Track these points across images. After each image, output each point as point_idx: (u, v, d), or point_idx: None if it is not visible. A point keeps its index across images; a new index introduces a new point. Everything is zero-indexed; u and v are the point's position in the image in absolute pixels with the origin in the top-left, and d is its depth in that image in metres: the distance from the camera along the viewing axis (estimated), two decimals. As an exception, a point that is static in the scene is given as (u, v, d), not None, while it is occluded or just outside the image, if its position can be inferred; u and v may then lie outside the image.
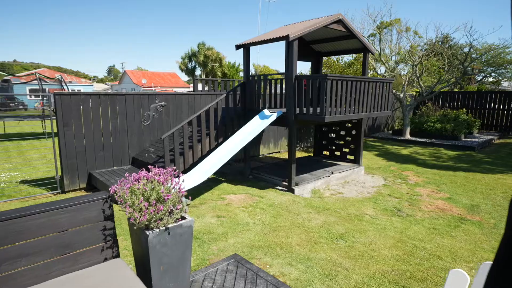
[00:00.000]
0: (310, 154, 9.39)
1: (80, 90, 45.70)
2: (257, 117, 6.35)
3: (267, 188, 6.32)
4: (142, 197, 2.11)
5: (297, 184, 6.09)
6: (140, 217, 2.05)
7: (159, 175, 2.23)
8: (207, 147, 6.44)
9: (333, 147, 8.30)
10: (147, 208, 2.07)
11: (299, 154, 9.70)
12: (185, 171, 6.05)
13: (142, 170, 2.36)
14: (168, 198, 2.13)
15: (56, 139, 6.03)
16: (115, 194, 2.14)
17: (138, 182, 2.19)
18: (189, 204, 5.20)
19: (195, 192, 5.82)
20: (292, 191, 6.00)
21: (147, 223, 2.10)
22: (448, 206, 5.61)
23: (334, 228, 4.47)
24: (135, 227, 2.18)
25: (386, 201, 5.75)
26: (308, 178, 6.45)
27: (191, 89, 9.79)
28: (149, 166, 2.49)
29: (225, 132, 6.71)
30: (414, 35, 13.72)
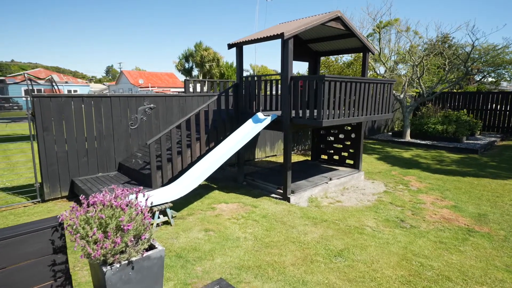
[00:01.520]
0: (307, 158, 9.02)
1: (76, 90, 45.23)
2: (250, 120, 5.97)
3: (261, 196, 5.93)
4: (96, 227, 1.73)
5: (293, 192, 5.72)
6: (93, 252, 1.67)
7: (120, 199, 1.85)
8: (198, 153, 6.05)
9: (332, 151, 7.93)
10: (103, 241, 1.69)
11: (296, 158, 9.32)
12: (173, 179, 5.67)
13: (105, 190, 1.98)
14: (128, 229, 1.75)
15: (35, 144, 5.64)
16: (64, 223, 1.76)
17: (94, 207, 1.81)
18: (175, 216, 4.83)
19: (183, 201, 5.44)
20: (288, 199, 5.62)
21: (103, 258, 1.73)
22: (454, 215, 5.24)
23: (332, 243, 4.10)
24: (91, 261, 1.80)
25: (388, 210, 5.38)
26: (304, 185, 6.08)
27: (190, 89, 9.38)
28: (112, 186, 2.10)
29: (216, 136, 6.32)
30: (414, 35, 13.38)
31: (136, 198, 1.97)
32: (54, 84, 14.07)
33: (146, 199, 2.01)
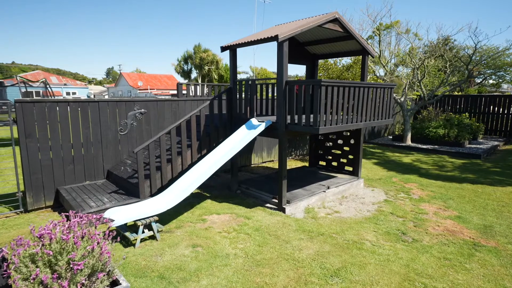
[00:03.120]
0: (305, 164, 8.74)
1: (75, 92, 45.07)
2: (243, 127, 5.69)
3: (256, 206, 5.65)
4: (43, 265, 1.45)
5: (288, 202, 5.43)
6: (36, 297, 1.40)
7: (73, 231, 1.57)
8: (189, 160, 5.78)
9: (330, 157, 7.65)
10: (50, 284, 1.41)
11: (293, 164, 9.04)
12: (162, 188, 5.39)
13: (62, 215, 1.70)
14: (79, 269, 1.47)
15: (17, 150, 5.36)
16: (6, 261, 1.49)
17: (42, 241, 1.53)
18: (161, 230, 4.54)
19: (172, 212, 5.15)
20: (283, 210, 5.33)
21: (50, 303, 1.45)
22: (458, 227, 4.96)
23: (328, 260, 3.81)
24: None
25: (389, 222, 5.10)
26: (301, 194, 5.80)
27: (186, 91, 9.17)
28: (70, 212, 1.83)
29: (209, 143, 6.05)
30: (415, 37, 13.13)
31: (95, 227, 1.69)
32: (48, 86, 13.81)
33: (108, 228, 1.74)
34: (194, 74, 37.97)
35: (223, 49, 6.00)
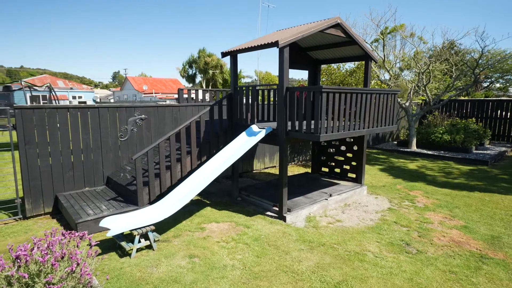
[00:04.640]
0: (307, 170, 8.62)
1: (81, 96, 45.48)
2: (244, 133, 5.61)
3: (256, 214, 5.54)
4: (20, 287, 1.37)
5: (289, 211, 5.32)
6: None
7: (51, 251, 1.49)
8: (188, 167, 5.70)
9: (333, 164, 7.52)
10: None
11: (296, 170, 8.93)
12: (161, 195, 5.32)
13: (45, 233, 1.61)
14: (54, 293, 1.39)
15: (17, 155, 5.33)
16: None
17: (18, 261, 1.45)
18: (158, 240, 4.46)
19: (171, 220, 5.07)
20: (283, 218, 5.22)
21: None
22: (464, 238, 4.80)
23: (329, 273, 3.69)
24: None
25: (392, 232, 4.96)
26: (302, 202, 5.68)
27: (192, 95, 9.13)
28: (53, 229, 1.74)
29: (209, 150, 5.98)
30: (420, 41, 12.99)
31: (77, 246, 1.61)
32: (52, 91, 13.93)
33: (91, 247, 1.66)
34: (198, 78, 38.10)
35: (224, 54, 5.95)
